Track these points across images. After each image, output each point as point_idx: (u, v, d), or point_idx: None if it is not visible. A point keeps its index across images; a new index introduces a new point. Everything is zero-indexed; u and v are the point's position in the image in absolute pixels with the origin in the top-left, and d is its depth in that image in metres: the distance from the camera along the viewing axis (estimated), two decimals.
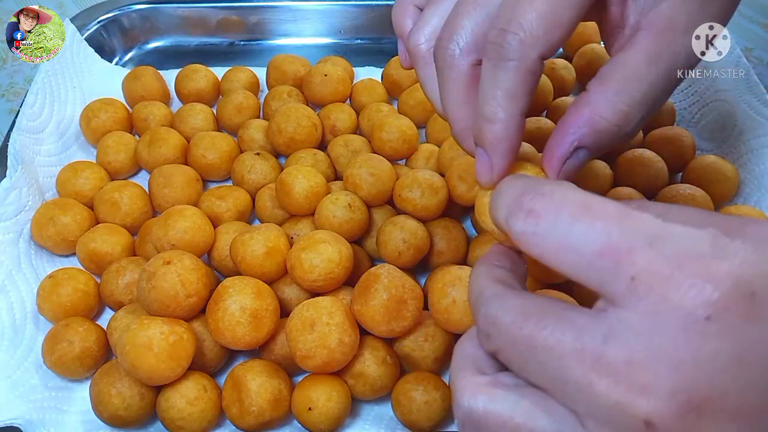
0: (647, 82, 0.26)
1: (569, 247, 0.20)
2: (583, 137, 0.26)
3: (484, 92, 0.26)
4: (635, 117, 0.26)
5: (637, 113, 0.26)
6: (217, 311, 0.42)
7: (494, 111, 0.26)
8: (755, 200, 0.54)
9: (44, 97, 0.59)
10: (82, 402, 0.45)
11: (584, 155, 0.27)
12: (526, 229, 0.21)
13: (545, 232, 0.21)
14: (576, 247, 0.20)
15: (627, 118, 0.26)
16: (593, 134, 0.26)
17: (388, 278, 0.43)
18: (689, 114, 0.62)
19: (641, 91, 0.25)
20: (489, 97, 0.26)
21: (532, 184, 0.22)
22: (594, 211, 0.20)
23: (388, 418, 0.45)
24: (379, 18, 0.73)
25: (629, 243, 0.19)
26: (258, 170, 0.55)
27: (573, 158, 0.26)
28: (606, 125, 0.26)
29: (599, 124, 0.26)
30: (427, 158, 0.57)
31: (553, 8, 0.24)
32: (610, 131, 0.26)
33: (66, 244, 0.51)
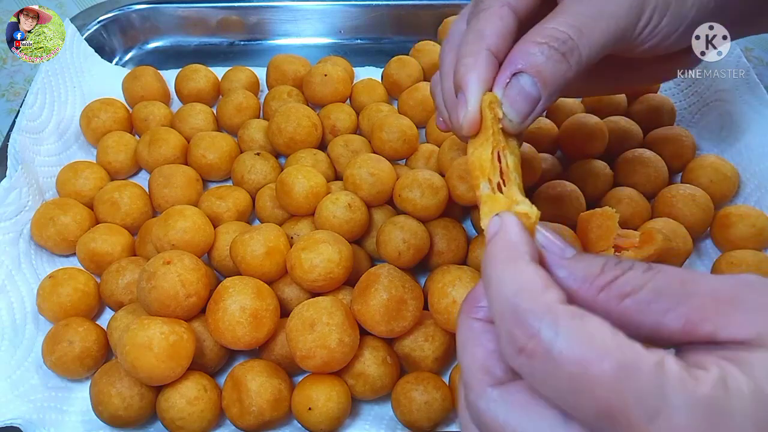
0: (584, 15, 0.29)
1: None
2: (523, 58, 0.29)
3: (463, 38, 0.31)
4: (574, 46, 0.29)
5: (578, 39, 0.29)
6: (217, 311, 0.42)
7: (467, 48, 0.30)
8: (755, 200, 0.54)
9: (44, 97, 0.59)
10: (82, 402, 0.45)
11: (529, 82, 0.29)
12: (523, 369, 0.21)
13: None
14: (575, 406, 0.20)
15: (565, 45, 0.29)
16: (528, 56, 0.29)
17: (388, 278, 0.43)
18: (689, 114, 0.62)
19: (578, 22, 0.29)
20: (464, 40, 0.31)
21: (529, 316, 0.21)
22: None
23: (388, 418, 0.45)
24: (379, 18, 0.73)
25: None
26: (258, 170, 0.55)
27: (516, 84, 0.29)
28: (545, 49, 0.29)
29: (537, 47, 0.29)
30: (427, 158, 0.57)
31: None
32: (553, 57, 0.29)
33: (66, 244, 0.51)
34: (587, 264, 0.22)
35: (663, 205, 0.52)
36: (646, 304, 0.21)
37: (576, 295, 0.22)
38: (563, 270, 0.22)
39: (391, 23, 0.74)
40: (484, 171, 0.28)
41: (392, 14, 0.73)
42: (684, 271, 0.21)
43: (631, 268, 0.22)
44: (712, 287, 0.21)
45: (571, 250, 0.23)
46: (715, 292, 0.21)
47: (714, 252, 0.53)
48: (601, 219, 0.46)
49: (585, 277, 0.22)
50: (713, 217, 0.52)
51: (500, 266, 0.23)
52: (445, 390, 0.43)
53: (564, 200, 0.50)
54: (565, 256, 0.23)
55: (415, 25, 0.74)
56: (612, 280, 0.22)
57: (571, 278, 0.22)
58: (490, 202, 0.27)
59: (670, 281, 0.21)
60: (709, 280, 0.21)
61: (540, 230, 0.24)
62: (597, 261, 0.22)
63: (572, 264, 0.22)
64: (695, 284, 0.21)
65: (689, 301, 0.21)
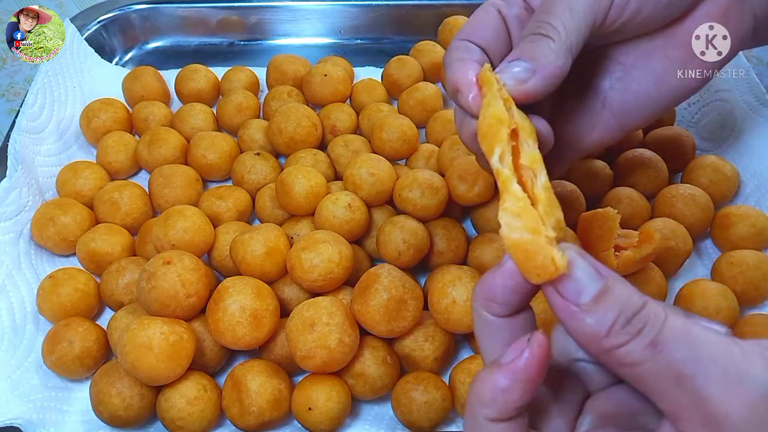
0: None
1: None
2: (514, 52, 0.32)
3: (447, 62, 0.34)
4: (550, 27, 0.31)
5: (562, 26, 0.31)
6: (217, 311, 0.42)
7: (451, 59, 0.33)
8: (755, 200, 0.54)
9: (44, 97, 0.59)
10: (82, 402, 0.45)
11: (522, 62, 0.30)
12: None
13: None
14: None
15: (541, 27, 0.31)
16: (518, 49, 0.32)
17: (388, 278, 0.43)
18: (689, 114, 0.62)
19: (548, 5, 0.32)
20: (449, 61, 0.33)
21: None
22: None
23: (388, 418, 0.45)
24: (379, 18, 0.73)
25: None
26: (258, 170, 0.55)
27: (510, 65, 0.31)
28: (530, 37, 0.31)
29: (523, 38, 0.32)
30: (427, 158, 0.57)
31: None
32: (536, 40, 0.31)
33: (66, 244, 0.51)
34: (598, 320, 0.22)
35: (663, 205, 0.52)
36: (643, 380, 0.22)
37: (585, 346, 0.23)
38: (574, 322, 0.23)
39: (391, 23, 0.74)
40: (502, 120, 0.26)
41: (392, 14, 0.73)
42: (685, 360, 0.21)
43: (637, 335, 0.22)
44: (704, 394, 0.21)
45: (590, 290, 0.23)
46: (704, 403, 0.21)
47: (714, 252, 0.53)
48: (602, 219, 0.46)
49: (593, 335, 0.22)
50: (713, 217, 0.52)
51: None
52: (445, 390, 0.43)
53: (564, 200, 0.50)
54: (579, 302, 0.23)
55: (415, 25, 0.74)
56: (616, 347, 0.22)
57: (581, 334, 0.23)
58: (515, 202, 0.24)
59: (668, 368, 0.21)
60: (707, 383, 0.21)
61: (570, 267, 0.23)
62: (608, 317, 0.22)
63: (584, 318, 0.23)
64: (692, 382, 0.21)
65: (679, 397, 0.21)
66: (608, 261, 0.45)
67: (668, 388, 0.22)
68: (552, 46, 0.31)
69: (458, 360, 0.45)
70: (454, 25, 0.67)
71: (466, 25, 0.35)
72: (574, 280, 0.23)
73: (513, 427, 0.23)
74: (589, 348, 0.23)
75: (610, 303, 0.22)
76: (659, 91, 0.37)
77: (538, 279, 0.23)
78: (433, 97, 0.60)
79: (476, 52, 0.33)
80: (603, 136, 0.39)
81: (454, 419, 0.44)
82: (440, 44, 0.67)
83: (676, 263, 0.49)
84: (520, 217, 0.24)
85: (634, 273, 0.46)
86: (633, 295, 0.23)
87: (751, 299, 0.48)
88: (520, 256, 0.23)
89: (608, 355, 0.22)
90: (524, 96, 0.30)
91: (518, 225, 0.23)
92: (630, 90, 0.38)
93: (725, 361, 0.21)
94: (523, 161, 0.26)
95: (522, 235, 0.23)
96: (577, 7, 0.32)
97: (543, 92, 0.31)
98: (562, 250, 0.23)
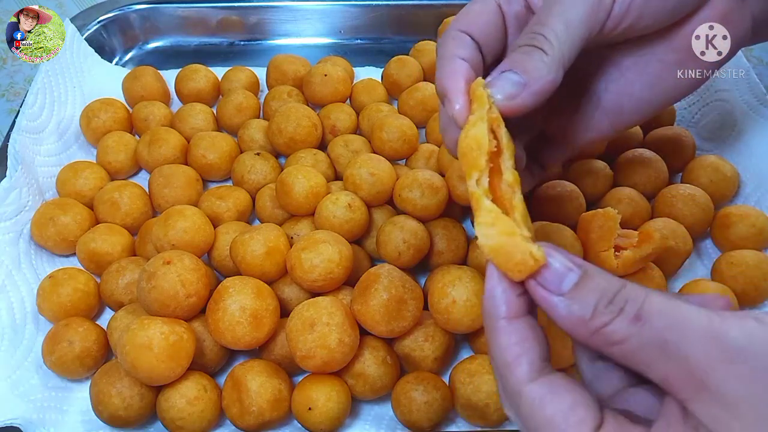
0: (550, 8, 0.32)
1: None
2: (506, 62, 0.31)
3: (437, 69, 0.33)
4: (543, 39, 0.31)
5: (546, 32, 0.31)
6: (217, 311, 0.42)
7: (440, 65, 0.33)
8: (755, 200, 0.54)
9: (44, 97, 0.59)
10: (82, 402, 0.45)
11: (512, 74, 0.30)
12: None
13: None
14: None
15: (535, 38, 0.31)
16: (510, 59, 0.31)
17: (388, 278, 0.43)
18: (689, 114, 0.62)
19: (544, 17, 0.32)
20: (438, 68, 0.33)
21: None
22: None
23: (388, 418, 0.45)
24: (379, 18, 0.73)
25: None
26: (258, 170, 0.55)
27: (502, 77, 0.30)
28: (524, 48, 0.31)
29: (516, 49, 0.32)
30: (427, 158, 0.57)
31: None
32: (528, 51, 0.31)
33: (66, 244, 0.51)
34: (581, 305, 0.24)
35: (663, 205, 0.52)
36: (631, 355, 0.23)
37: (573, 333, 0.24)
38: (559, 310, 0.24)
39: (391, 23, 0.74)
40: (482, 146, 0.27)
41: (392, 14, 0.73)
42: (668, 328, 0.22)
43: (620, 313, 0.23)
44: (688, 357, 0.22)
45: (570, 279, 0.24)
46: (689, 365, 0.22)
47: (714, 252, 0.53)
48: (602, 219, 0.46)
49: (579, 319, 0.24)
50: (713, 217, 0.52)
51: (488, 331, 0.26)
52: (445, 390, 0.43)
53: (564, 200, 0.50)
54: (562, 290, 0.24)
55: (415, 25, 0.74)
56: (601, 326, 0.23)
57: (567, 320, 0.24)
58: (487, 214, 0.26)
59: (653, 339, 0.23)
60: (691, 344, 0.22)
61: (548, 258, 0.24)
62: (590, 301, 0.24)
63: (568, 305, 0.24)
64: (676, 347, 0.22)
65: (667, 365, 0.22)
66: (608, 261, 0.45)
67: (656, 357, 0.23)
68: (544, 59, 0.31)
69: (458, 360, 0.45)
70: None
71: (465, 14, 0.35)
72: (553, 271, 0.24)
73: (524, 325, 0.25)
74: (577, 333, 0.24)
75: (592, 287, 0.24)
76: (653, 94, 0.38)
77: (520, 275, 0.25)
78: (433, 97, 0.60)
79: (470, 47, 0.33)
80: (594, 136, 0.40)
81: (454, 419, 0.44)
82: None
83: (676, 263, 0.49)
84: (494, 225, 0.25)
85: (634, 273, 0.46)
86: (611, 278, 0.24)
87: (751, 299, 0.48)
88: (500, 258, 0.25)
89: (596, 336, 0.23)
90: (513, 111, 0.31)
91: (493, 233, 0.25)
92: (624, 92, 0.38)
93: (705, 324, 0.22)
94: (507, 178, 0.27)
95: (499, 239, 0.25)
96: (572, 20, 0.31)
97: (532, 106, 0.31)
98: (538, 244, 0.25)
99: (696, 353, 0.22)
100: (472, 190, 0.27)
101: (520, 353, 0.25)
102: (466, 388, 0.42)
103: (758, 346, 0.21)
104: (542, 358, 0.25)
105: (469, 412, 0.42)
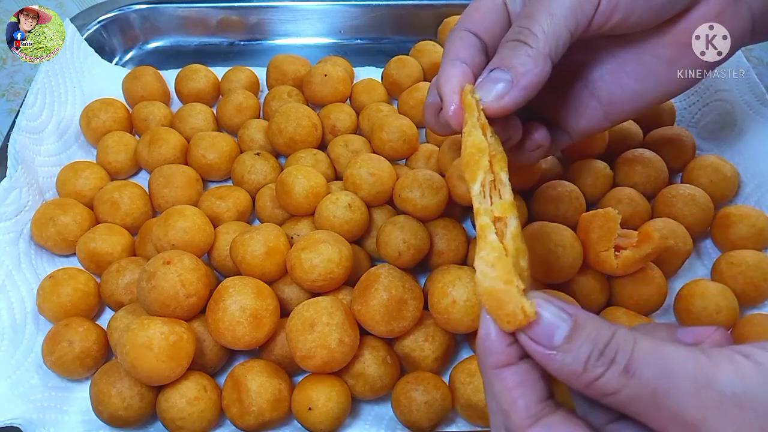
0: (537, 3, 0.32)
1: None
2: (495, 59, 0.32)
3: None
4: (528, 33, 0.31)
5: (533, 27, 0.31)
6: (217, 311, 0.42)
7: (441, 68, 0.34)
8: (755, 200, 0.54)
9: (44, 97, 0.59)
10: (82, 402, 0.45)
11: (498, 72, 0.31)
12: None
13: None
14: None
15: (521, 33, 0.31)
16: (498, 56, 0.32)
17: (388, 278, 0.43)
18: (689, 114, 0.62)
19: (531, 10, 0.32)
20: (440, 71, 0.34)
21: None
22: None
23: (388, 418, 0.45)
24: (379, 18, 0.73)
25: None
26: (258, 170, 0.55)
27: (488, 76, 0.31)
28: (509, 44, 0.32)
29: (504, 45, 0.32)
30: (427, 158, 0.57)
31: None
32: (515, 47, 0.31)
33: (66, 244, 0.51)
34: (573, 358, 0.24)
35: (663, 205, 0.52)
36: (625, 405, 0.23)
37: (568, 383, 0.24)
38: (552, 363, 0.24)
39: (391, 23, 0.74)
40: (482, 149, 0.28)
41: (392, 14, 0.73)
42: (657, 377, 0.22)
43: (611, 365, 0.23)
44: (680, 406, 0.22)
45: (561, 331, 0.24)
46: (681, 414, 0.22)
47: (714, 252, 0.53)
48: (602, 220, 0.46)
49: (572, 372, 0.24)
50: (713, 217, 0.52)
51: (482, 375, 0.26)
52: (445, 390, 0.43)
53: (564, 200, 0.50)
54: (553, 345, 0.24)
55: (415, 25, 0.74)
56: (594, 379, 0.23)
57: (560, 373, 0.24)
58: (491, 252, 0.26)
59: (643, 390, 0.23)
60: (682, 393, 0.22)
61: (539, 310, 0.24)
62: (582, 354, 0.23)
63: (560, 358, 0.24)
64: (666, 397, 0.22)
65: (660, 413, 0.22)
66: (608, 261, 0.45)
67: (649, 407, 0.23)
68: (530, 53, 0.31)
69: (458, 360, 0.45)
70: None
71: (472, 12, 0.35)
72: (544, 325, 0.24)
73: (518, 369, 0.25)
74: (572, 384, 0.24)
75: (582, 339, 0.23)
76: (646, 87, 0.38)
77: (509, 327, 0.24)
78: None
79: (474, 47, 0.33)
80: (589, 125, 0.40)
81: (454, 419, 0.44)
82: (440, 44, 0.67)
83: (676, 263, 0.49)
84: (495, 267, 0.25)
85: (634, 273, 0.46)
86: (602, 326, 0.24)
87: (751, 299, 0.48)
88: (492, 303, 0.25)
89: (590, 388, 0.23)
90: (505, 110, 0.31)
91: (493, 274, 0.25)
92: (618, 83, 0.38)
93: (694, 369, 0.22)
94: (496, 213, 0.27)
95: (495, 284, 0.25)
96: (557, 13, 0.32)
97: (522, 102, 0.31)
98: (531, 298, 0.24)
99: (687, 402, 0.22)
100: (477, 206, 0.27)
101: (516, 399, 0.25)
102: (466, 388, 0.42)
103: (753, 391, 0.21)
104: (539, 400, 0.25)
105: (469, 412, 0.42)
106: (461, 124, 0.31)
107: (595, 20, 0.33)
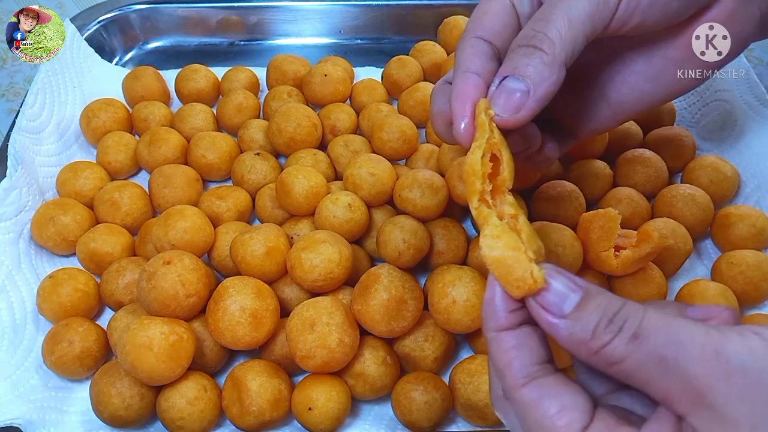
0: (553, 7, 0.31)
1: None
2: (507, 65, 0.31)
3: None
4: (544, 36, 0.30)
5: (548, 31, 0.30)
6: (217, 311, 0.42)
7: (456, 61, 0.33)
8: (755, 200, 0.54)
9: (44, 97, 0.59)
10: (82, 402, 0.45)
11: (512, 81, 0.30)
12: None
13: None
14: None
15: (535, 38, 0.30)
16: (509, 61, 0.31)
17: (388, 278, 0.43)
18: (689, 114, 0.62)
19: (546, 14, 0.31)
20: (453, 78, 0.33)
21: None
22: None
23: (388, 418, 0.45)
24: (379, 18, 0.73)
25: None
26: (258, 170, 0.55)
27: (502, 86, 0.30)
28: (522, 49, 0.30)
29: (515, 50, 0.31)
30: (427, 158, 0.57)
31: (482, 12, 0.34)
32: (530, 53, 0.30)
33: (66, 244, 0.51)
34: (582, 326, 0.24)
35: (663, 205, 0.52)
36: (630, 374, 0.23)
37: (573, 352, 0.24)
38: (561, 332, 0.24)
39: (391, 23, 0.74)
40: (476, 173, 0.28)
41: (392, 14, 0.73)
42: (666, 344, 0.23)
43: (619, 332, 0.23)
44: (687, 373, 0.22)
45: (572, 300, 0.24)
46: (689, 381, 0.22)
47: (714, 252, 0.53)
48: (602, 220, 0.46)
49: (580, 340, 0.24)
50: (713, 217, 0.52)
51: (485, 337, 0.27)
52: (445, 390, 0.43)
53: (564, 200, 0.50)
54: (563, 312, 0.24)
55: (415, 25, 0.74)
56: (601, 347, 0.23)
57: (568, 341, 0.24)
58: (494, 228, 0.26)
59: (651, 355, 0.23)
60: (690, 360, 0.22)
61: (549, 280, 0.25)
62: (591, 322, 0.24)
63: (569, 326, 0.24)
64: (674, 363, 0.22)
65: (666, 381, 0.23)
66: (608, 261, 0.45)
67: (655, 374, 0.23)
68: (545, 60, 0.30)
69: (458, 360, 0.45)
70: (454, 25, 0.67)
71: (481, 17, 0.34)
72: (555, 293, 0.24)
73: (518, 333, 0.26)
74: (577, 353, 0.24)
75: (593, 308, 0.24)
76: (656, 87, 0.37)
77: (519, 292, 0.25)
78: None
79: (486, 56, 0.32)
80: (596, 126, 0.40)
81: (454, 419, 0.44)
82: (440, 44, 0.67)
83: (676, 263, 0.49)
84: (500, 238, 0.25)
85: (634, 273, 0.46)
86: (612, 297, 0.24)
87: (751, 299, 0.48)
88: (501, 271, 0.25)
89: (596, 356, 0.24)
90: (520, 123, 0.30)
91: (498, 245, 0.25)
92: (628, 83, 0.38)
93: (703, 339, 0.22)
94: (506, 212, 0.27)
95: (503, 252, 0.25)
96: (575, 17, 0.30)
97: (537, 112, 0.30)
98: (541, 266, 0.25)
99: (695, 369, 0.22)
100: (478, 210, 0.27)
101: (512, 359, 0.25)
102: (466, 388, 0.42)
103: (761, 364, 0.21)
104: (535, 363, 0.25)
105: (469, 412, 0.42)
106: (470, 142, 0.30)
107: (611, 25, 0.32)
